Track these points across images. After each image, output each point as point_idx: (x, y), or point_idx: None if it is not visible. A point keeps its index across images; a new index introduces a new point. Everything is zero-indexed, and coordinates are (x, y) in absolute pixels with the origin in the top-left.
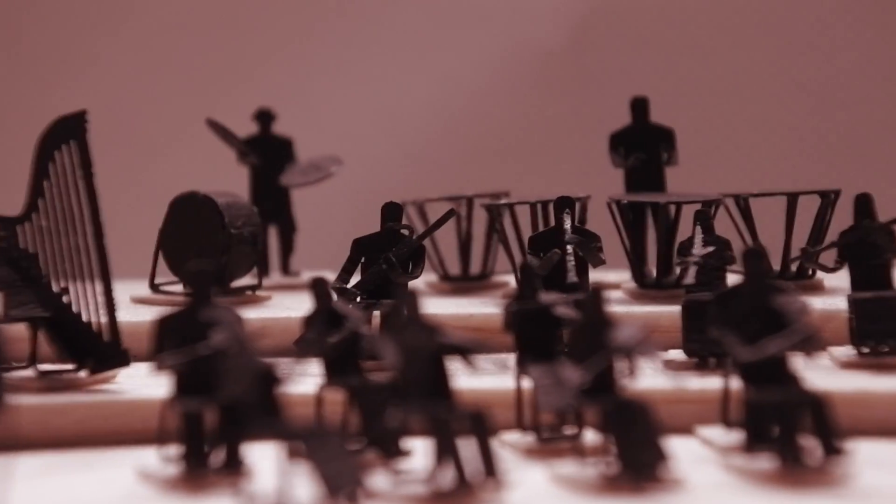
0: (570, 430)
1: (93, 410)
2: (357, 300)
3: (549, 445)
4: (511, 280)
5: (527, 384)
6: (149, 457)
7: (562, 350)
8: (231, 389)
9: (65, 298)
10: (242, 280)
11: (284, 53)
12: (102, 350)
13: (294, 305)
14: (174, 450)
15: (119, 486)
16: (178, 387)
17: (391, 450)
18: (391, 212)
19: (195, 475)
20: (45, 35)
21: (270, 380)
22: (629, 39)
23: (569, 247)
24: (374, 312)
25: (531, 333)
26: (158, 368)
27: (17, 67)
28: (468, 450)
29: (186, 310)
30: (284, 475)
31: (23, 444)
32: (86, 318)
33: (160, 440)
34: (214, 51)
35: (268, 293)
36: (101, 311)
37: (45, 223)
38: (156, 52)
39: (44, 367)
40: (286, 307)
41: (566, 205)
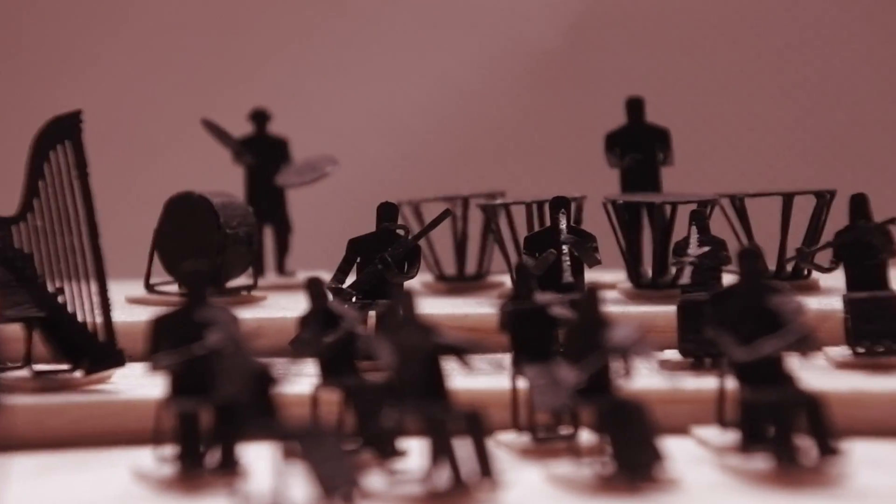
0: (566, 431)
1: (88, 411)
2: (353, 300)
3: (545, 445)
4: (507, 280)
5: (522, 384)
6: (144, 457)
7: (557, 350)
8: (226, 389)
9: (60, 298)
10: (238, 280)
11: (280, 54)
12: (98, 350)
13: (289, 305)
14: (170, 450)
15: (115, 487)
16: (174, 387)
17: (387, 450)
18: (387, 212)
19: (191, 475)
20: (41, 35)
21: (266, 380)
22: (625, 39)
23: (564, 247)
24: (370, 312)
25: (527, 333)
26: (154, 368)
27: (13, 67)
28: (464, 450)
29: (182, 310)
30: (280, 475)
31: (18, 445)
32: (81, 319)
33: (156, 440)
34: (209, 51)
35: (263, 293)
36: (97, 312)
37: (41, 223)
38: (150, 53)
39: (39, 368)
40: (282, 307)
41: (562, 205)
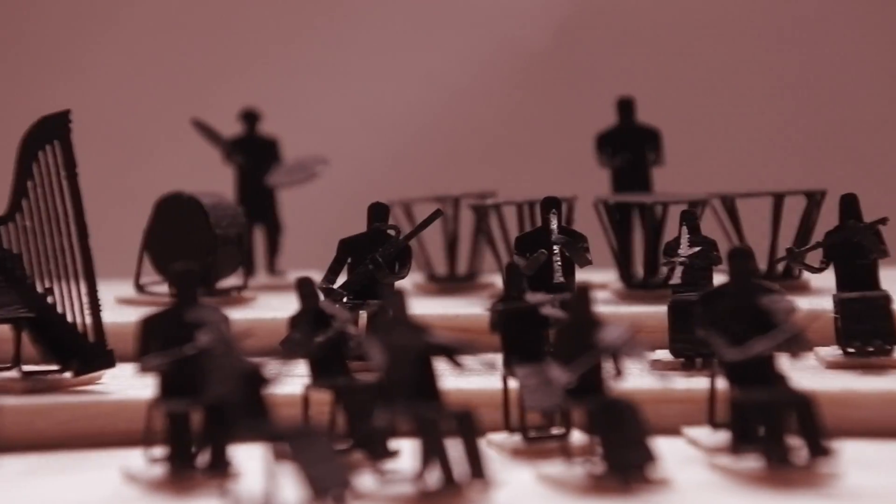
0: (557, 431)
1: (78, 411)
2: (343, 300)
3: (536, 446)
4: (497, 280)
5: (513, 384)
6: (134, 458)
7: (548, 350)
8: (217, 390)
9: (49, 299)
10: (228, 280)
11: (270, 54)
12: (87, 351)
13: (280, 306)
14: (160, 451)
15: (105, 488)
16: (164, 387)
17: (378, 450)
18: (378, 212)
19: (181, 476)
20: (30, 36)
21: (256, 380)
22: (615, 39)
23: (555, 247)
24: (361, 313)
25: (518, 334)
26: (143, 369)
27: (0, 67)
28: (455, 450)
29: (172, 310)
30: (271, 476)
31: (7, 446)
32: (70, 319)
33: (146, 441)
34: (199, 51)
35: (253, 293)
36: (86, 312)
37: (30, 223)
38: (140, 53)
39: (28, 368)
40: (272, 307)
41: (553, 205)
